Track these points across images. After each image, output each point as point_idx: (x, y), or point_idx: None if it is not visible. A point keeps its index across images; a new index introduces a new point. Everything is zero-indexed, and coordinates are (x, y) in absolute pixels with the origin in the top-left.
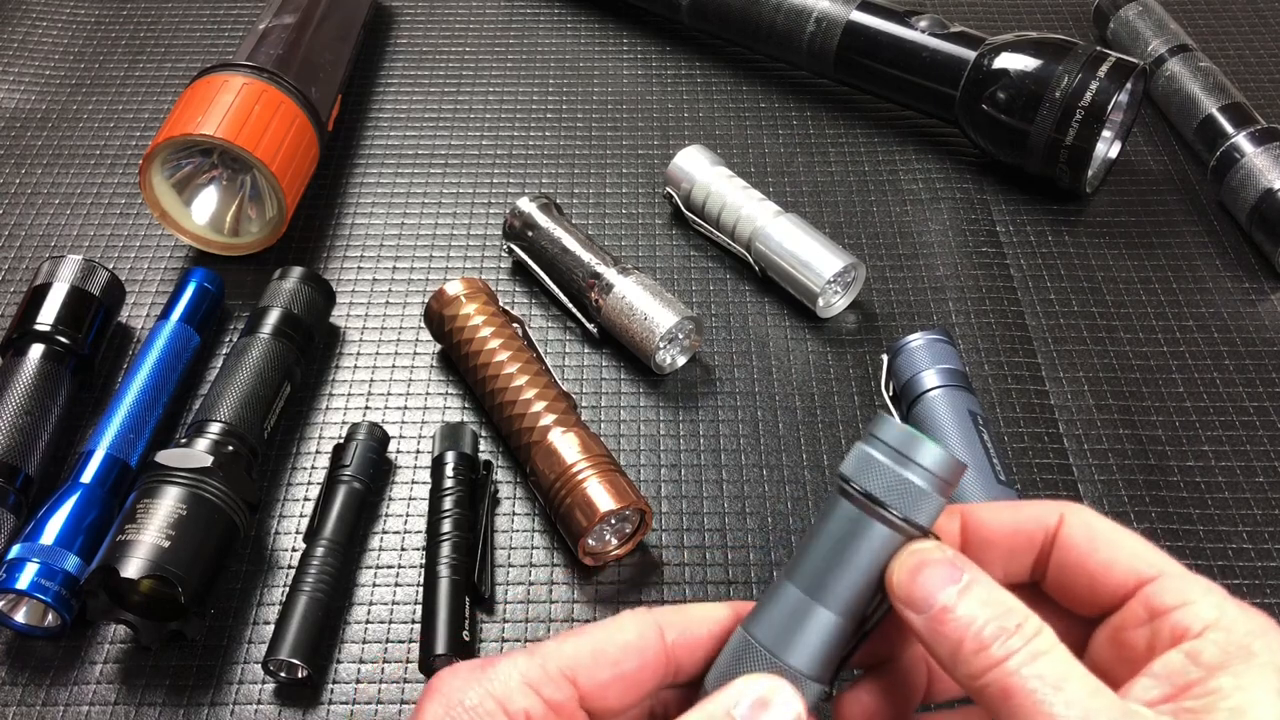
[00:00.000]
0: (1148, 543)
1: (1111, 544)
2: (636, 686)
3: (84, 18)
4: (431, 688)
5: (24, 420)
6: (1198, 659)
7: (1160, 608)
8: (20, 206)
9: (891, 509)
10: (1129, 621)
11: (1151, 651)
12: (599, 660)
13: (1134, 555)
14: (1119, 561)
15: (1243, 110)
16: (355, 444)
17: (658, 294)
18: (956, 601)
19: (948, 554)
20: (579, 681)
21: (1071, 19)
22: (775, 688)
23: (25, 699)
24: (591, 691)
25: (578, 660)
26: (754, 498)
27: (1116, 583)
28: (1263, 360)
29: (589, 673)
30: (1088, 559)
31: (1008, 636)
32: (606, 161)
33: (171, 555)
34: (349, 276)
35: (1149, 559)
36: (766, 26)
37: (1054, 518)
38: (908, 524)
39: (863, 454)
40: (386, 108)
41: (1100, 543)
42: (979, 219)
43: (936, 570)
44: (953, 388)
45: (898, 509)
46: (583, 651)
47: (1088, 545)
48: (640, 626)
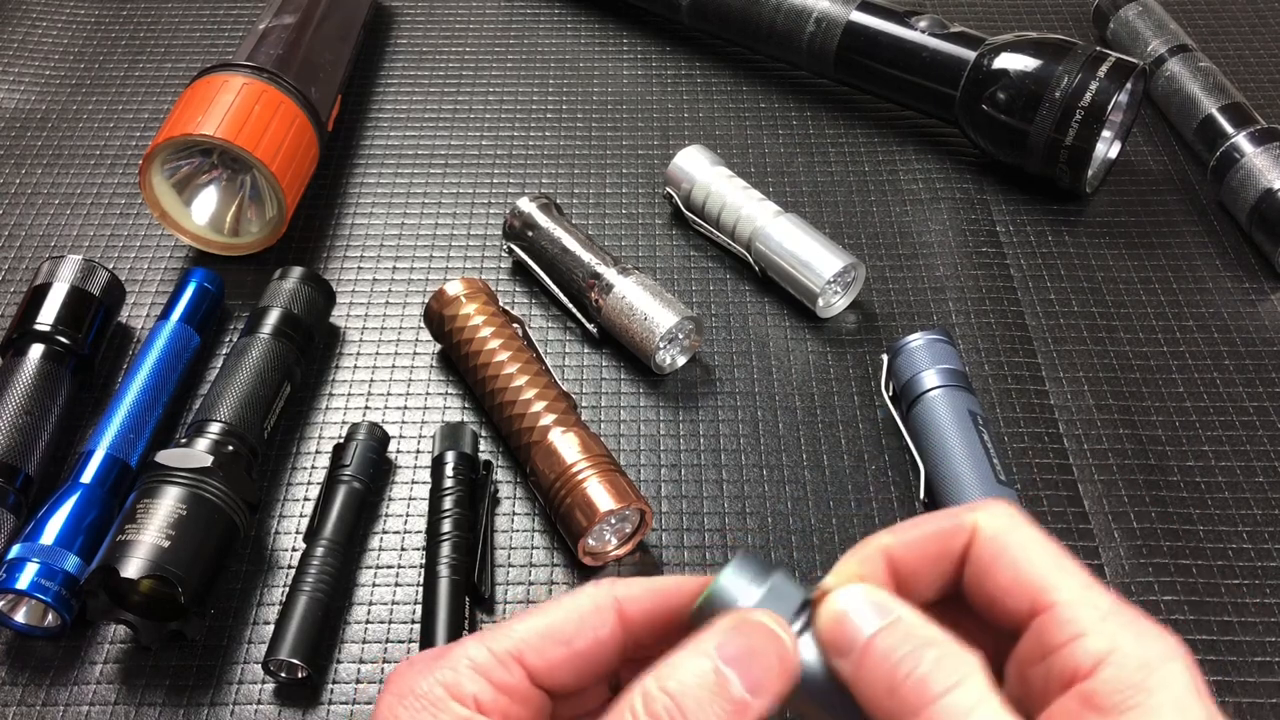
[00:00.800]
0: (1056, 556)
1: (1014, 563)
2: (591, 663)
3: (84, 18)
4: (388, 680)
5: (24, 420)
6: (1092, 702)
7: (1051, 644)
8: (20, 206)
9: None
10: (1026, 657)
11: (1047, 695)
12: (549, 640)
13: (1033, 578)
14: (1017, 585)
15: (1243, 110)
16: (355, 444)
17: (658, 294)
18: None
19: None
20: (528, 662)
21: (1071, 19)
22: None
23: (25, 699)
24: (542, 671)
25: (527, 641)
26: (754, 498)
27: (1014, 609)
28: (1263, 360)
29: (538, 653)
30: (987, 580)
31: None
32: (606, 161)
33: (171, 555)
34: (349, 276)
35: (1047, 581)
36: (766, 26)
37: (967, 527)
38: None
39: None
40: (386, 108)
41: (1003, 561)
42: (979, 219)
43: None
44: (953, 388)
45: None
46: (533, 632)
47: (991, 563)
48: (595, 602)
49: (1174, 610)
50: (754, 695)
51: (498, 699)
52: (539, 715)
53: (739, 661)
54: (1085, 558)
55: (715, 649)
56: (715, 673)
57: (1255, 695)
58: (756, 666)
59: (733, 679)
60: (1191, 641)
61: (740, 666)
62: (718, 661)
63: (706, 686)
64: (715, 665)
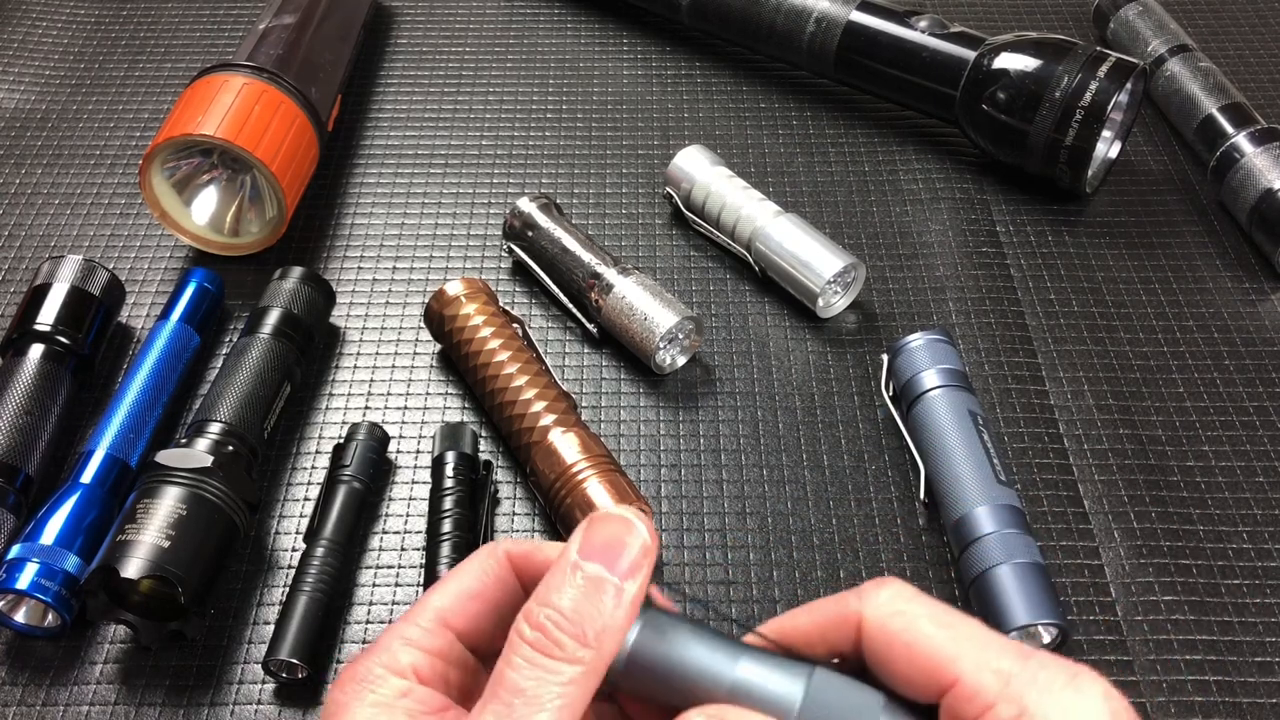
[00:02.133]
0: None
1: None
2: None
3: (84, 18)
4: (336, 679)
5: (24, 420)
6: None
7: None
8: (20, 206)
9: None
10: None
11: None
12: (463, 599)
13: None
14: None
15: (1243, 110)
16: (355, 444)
17: (658, 294)
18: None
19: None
20: (451, 624)
21: (1071, 19)
22: None
23: (25, 699)
24: (466, 629)
25: (445, 606)
26: (754, 498)
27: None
28: (1263, 360)
29: (457, 613)
30: (886, 668)
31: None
32: (606, 161)
33: (171, 555)
34: (349, 276)
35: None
36: (766, 26)
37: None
38: None
39: None
40: (386, 108)
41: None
42: (979, 219)
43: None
44: (953, 388)
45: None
46: (448, 597)
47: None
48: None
49: (1174, 610)
50: (624, 579)
51: (434, 664)
52: (473, 677)
53: (600, 553)
54: (1085, 558)
55: (576, 551)
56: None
57: (1255, 695)
58: (616, 552)
59: (598, 569)
60: (1192, 641)
61: (602, 557)
62: (581, 561)
63: (576, 585)
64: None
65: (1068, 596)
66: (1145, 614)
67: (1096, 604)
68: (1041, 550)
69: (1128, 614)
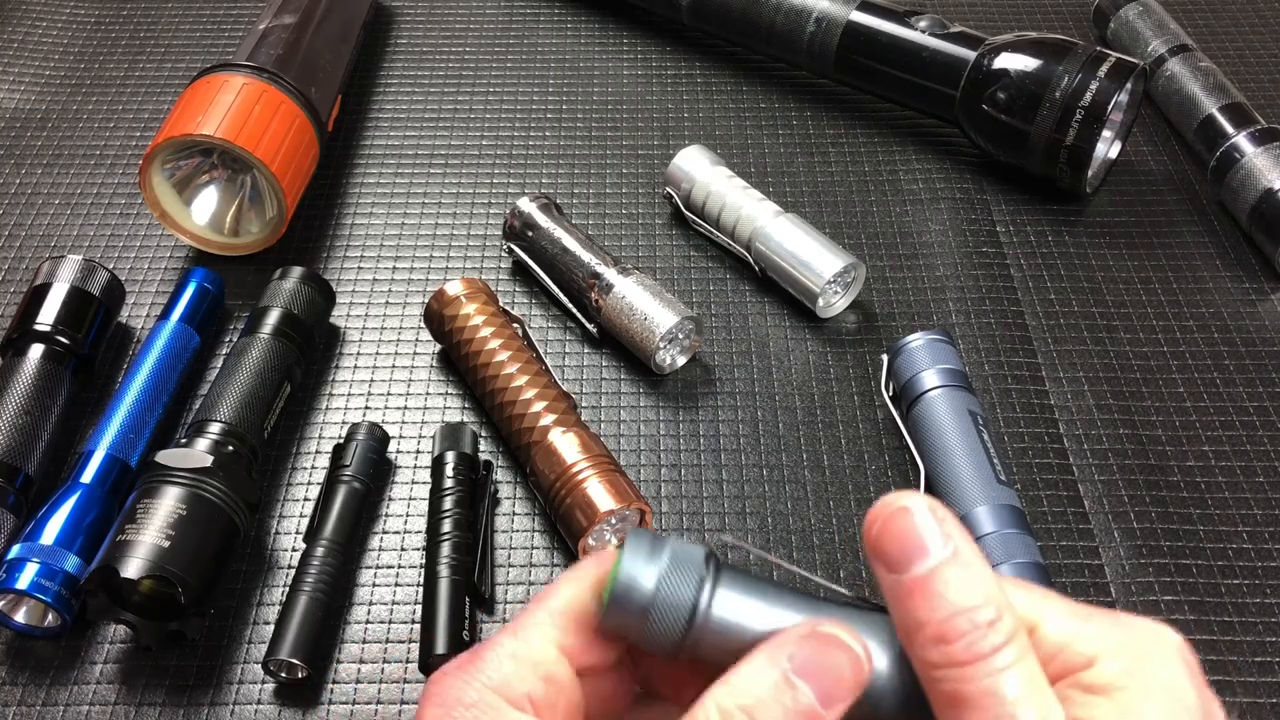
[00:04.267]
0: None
1: None
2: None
3: (84, 18)
4: (428, 693)
5: (24, 420)
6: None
7: (1045, 655)
8: (20, 206)
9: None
10: None
11: None
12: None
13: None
14: None
15: (1243, 110)
16: (355, 444)
17: (658, 294)
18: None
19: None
20: (563, 643)
21: (1071, 19)
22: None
23: (25, 699)
24: (577, 650)
25: (557, 625)
26: (754, 498)
27: None
28: (1263, 360)
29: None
30: None
31: (978, 636)
32: (606, 161)
33: (171, 555)
34: (349, 276)
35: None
36: (766, 26)
37: None
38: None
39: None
40: (386, 108)
41: None
42: (979, 219)
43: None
44: (953, 388)
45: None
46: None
47: None
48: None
49: (1174, 610)
50: (825, 707)
51: (548, 692)
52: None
53: (812, 674)
54: (1085, 558)
55: (787, 660)
56: (788, 685)
57: (1255, 695)
58: (828, 678)
59: (805, 690)
60: (1192, 642)
61: (813, 679)
62: (791, 674)
63: (780, 700)
64: (788, 677)
65: (1068, 596)
66: (1145, 614)
67: (1097, 604)
68: (1041, 550)
69: None
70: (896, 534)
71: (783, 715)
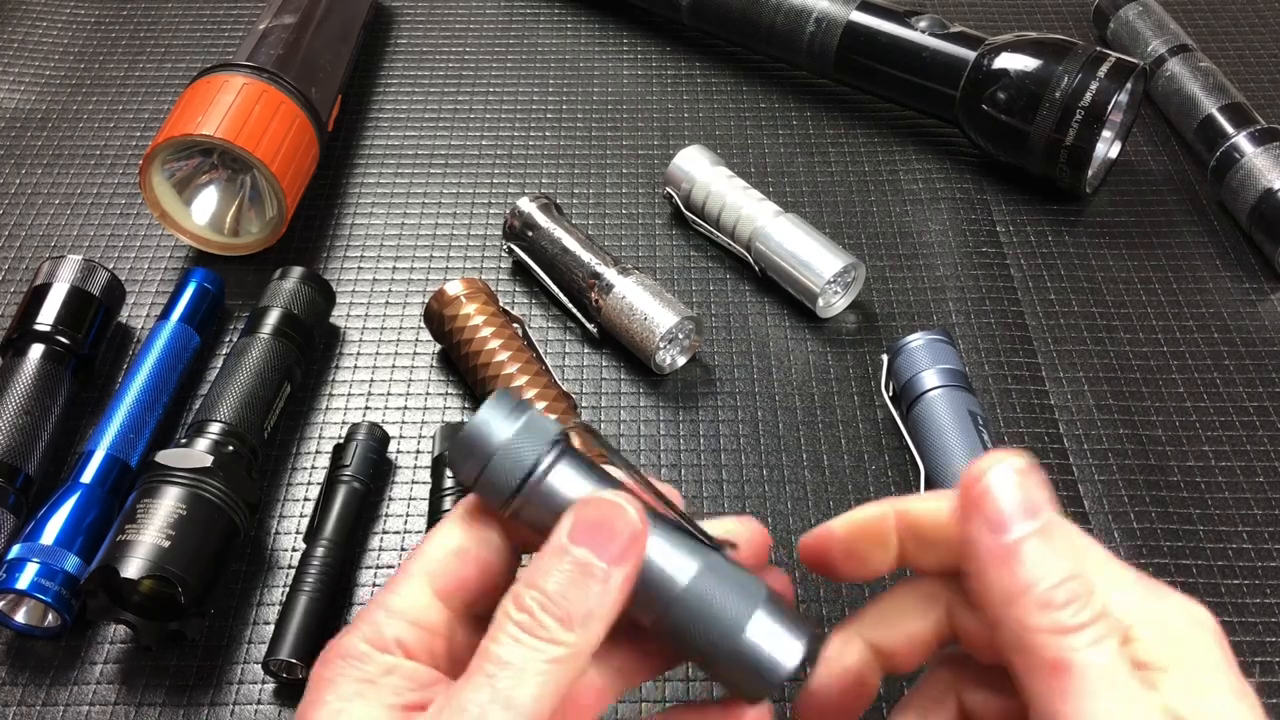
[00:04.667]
0: None
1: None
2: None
3: (84, 18)
4: (320, 656)
5: (24, 420)
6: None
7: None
8: (20, 206)
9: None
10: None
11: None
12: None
13: None
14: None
15: (1243, 110)
16: (355, 444)
17: (658, 294)
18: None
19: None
20: (438, 586)
21: (1071, 19)
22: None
23: (25, 699)
24: (452, 588)
25: (429, 568)
26: (754, 498)
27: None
28: (1263, 360)
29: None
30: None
31: (1080, 606)
32: (606, 161)
33: (171, 555)
34: (349, 276)
35: None
36: (766, 26)
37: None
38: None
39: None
40: (386, 108)
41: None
42: (979, 219)
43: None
44: (953, 388)
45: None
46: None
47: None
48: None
49: None
50: (611, 564)
51: (420, 636)
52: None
53: (584, 534)
54: None
55: (565, 535)
56: (563, 550)
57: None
58: (605, 537)
59: (586, 554)
60: None
61: (590, 541)
62: (569, 545)
63: (563, 570)
64: (561, 543)
65: None
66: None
67: None
68: None
69: None
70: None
71: (565, 579)
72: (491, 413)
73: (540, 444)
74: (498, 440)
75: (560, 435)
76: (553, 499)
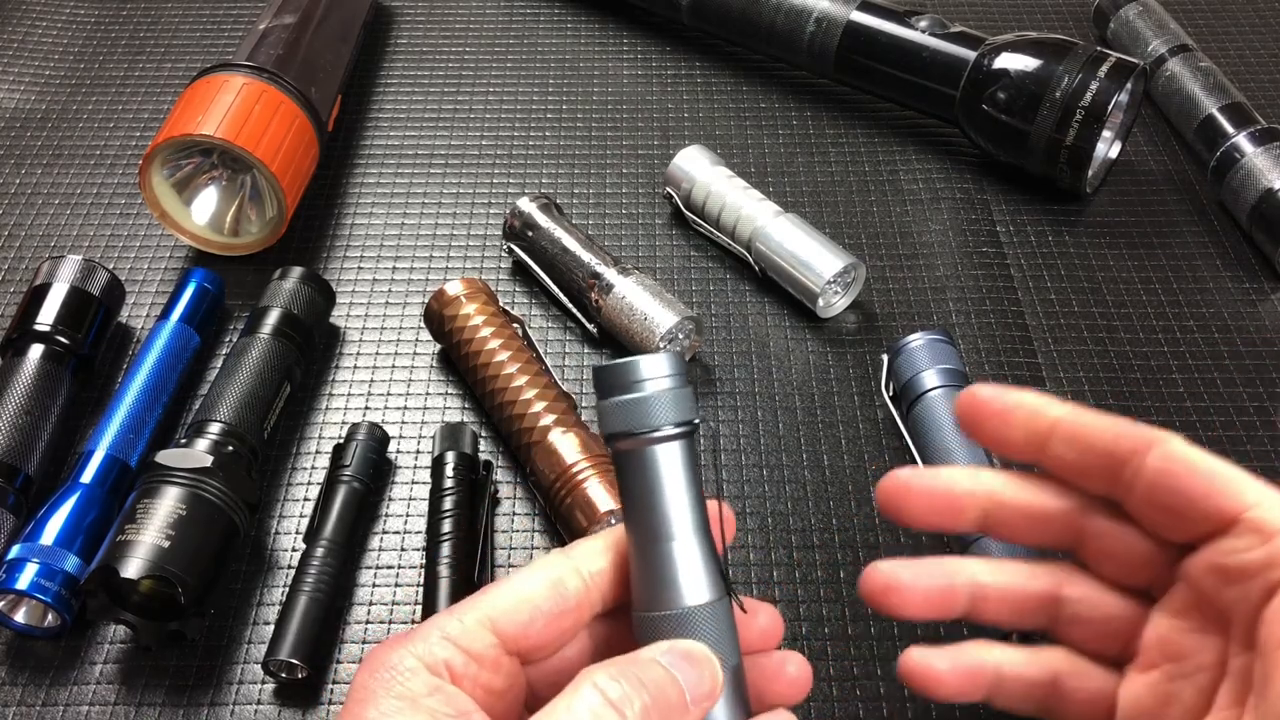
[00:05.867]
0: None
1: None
2: (560, 623)
3: (84, 18)
4: (366, 658)
5: (24, 420)
6: None
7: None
8: (20, 206)
9: (643, 430)
10: (1239, 546)
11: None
12: (515, 604)
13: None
14: (1216, 489)
15: (1243, 110)
16: (355, 444)
17: (658, 294)
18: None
19: None
20: (500, 628)
21: (1071, 19)
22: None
23: (25, 699)
24: (515, 636)
25: (496, 608)
26: (754, 498)
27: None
28: (1263, 360)
29: (510, 619)
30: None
31: None
32: (606, 161)
33: (171, 555)
34: (349, 276)
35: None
36: (766, 26)
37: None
38: (676, 427)
39: (600, 408)
40: (386, 108)
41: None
42: (979, 219)
43: None
44: (953, 388)
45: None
46: (501, 599)
47: (1174, 480)
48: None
49: None
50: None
51: (469, 665)
52: (512, 681)
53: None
54: None
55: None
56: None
57: None
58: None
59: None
60: None
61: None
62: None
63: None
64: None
65: None
66: None
67: None
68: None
69: None
70: None
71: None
72: (666, 363)
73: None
74: (654, 385)
75: (697, 421)
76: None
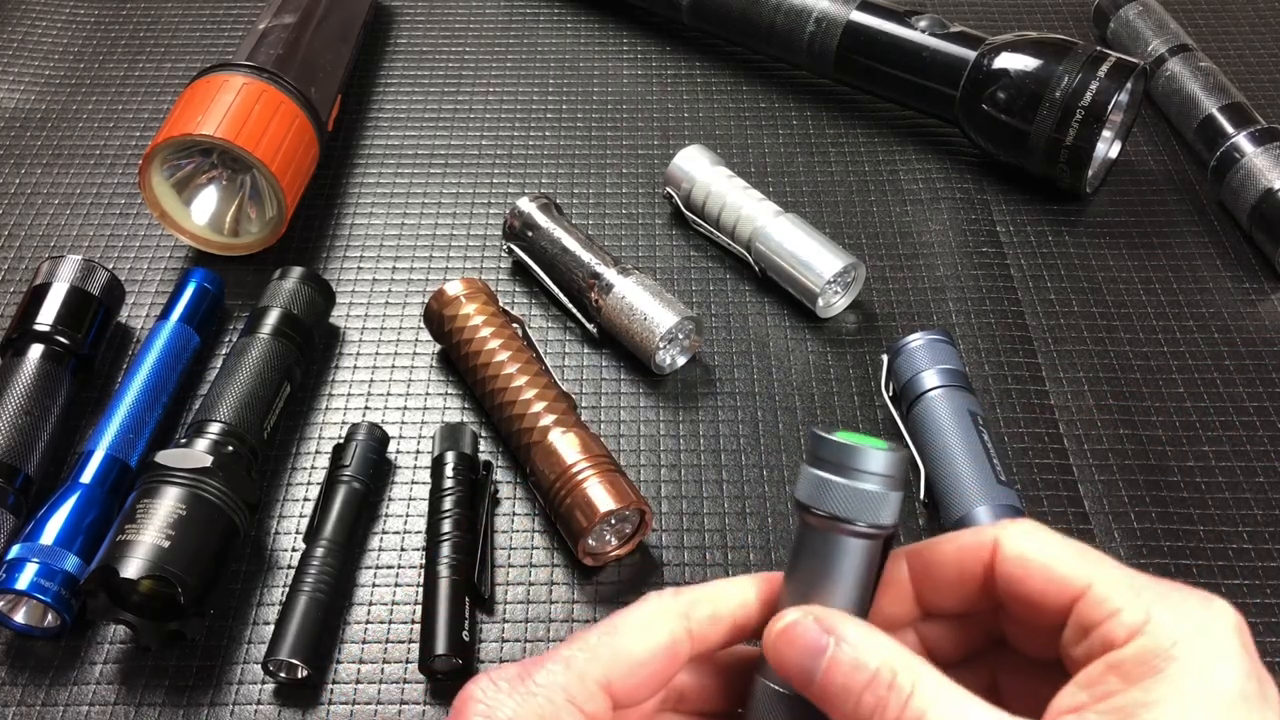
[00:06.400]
0: (1084, 549)
1: (1044, 565)
2: (663, 679)
3: (84, 18)
4: (467, 696)
5: (24, 420)
6: (1118, 669)
7: (1089, 623)
8: (20, 206)
9: (856, 522)
10: (1068, 642)
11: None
12: (633, 668)
13: (1065, 570)
14: (1050, 580)
15: (1243, 110)
16: (355, 444)
17: (658, 294)
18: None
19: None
20: (614, 689)
21: (1071, 19)
22: None
23: (25, 699)
24: (625, 695)
25: (613, 669)
26: (754, 498)
27: (1053, 605)
28: (1263, 360)
29: (624, 680)
30: (1022, 584)
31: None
32: (606, 161)
33: (171, 555)
34: (349, 276)
35: (1079, 570)
36: (766, 26)
37: (989, 543)
38: (874, 529)
39: (813, 478)
40: (386, 108)
41: (1033, 565)
42: (979, 219)
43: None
44: (953, 388)
45: (862, 520)
46: (618, 660)
47: (1022, 570)
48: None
49: None
50: None
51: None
52: None
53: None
54: None
55: None
56: None
57: None
58: None
59: None
60: None
61: None
62: None
63: None
64: None
65: None
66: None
67: None
68: None
69: None
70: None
71: None
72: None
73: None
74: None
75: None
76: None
